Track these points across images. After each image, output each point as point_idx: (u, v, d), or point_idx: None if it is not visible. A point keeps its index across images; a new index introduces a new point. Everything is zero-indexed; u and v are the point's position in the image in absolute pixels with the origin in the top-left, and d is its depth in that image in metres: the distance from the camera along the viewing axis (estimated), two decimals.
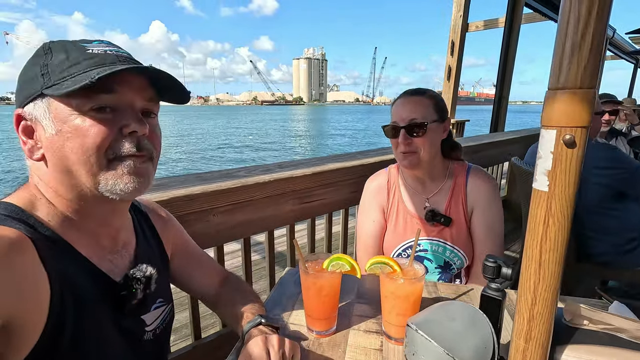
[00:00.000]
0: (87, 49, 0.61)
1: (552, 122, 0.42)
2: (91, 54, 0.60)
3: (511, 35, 4.11)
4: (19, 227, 0.55)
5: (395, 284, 0.79)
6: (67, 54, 0.60)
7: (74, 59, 0.59)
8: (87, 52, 0.60)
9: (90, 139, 0.58)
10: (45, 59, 0.60)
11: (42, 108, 0.59)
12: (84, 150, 0.59)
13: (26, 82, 0.61)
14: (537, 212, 0.45)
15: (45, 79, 0.59)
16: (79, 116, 0.58)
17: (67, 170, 0.60)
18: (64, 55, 0.60)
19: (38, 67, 0.60)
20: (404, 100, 1.24)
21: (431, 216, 1.26)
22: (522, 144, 3.39)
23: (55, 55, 0.60)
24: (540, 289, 0.46)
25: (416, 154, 1.22)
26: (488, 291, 0.67)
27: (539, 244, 0.45)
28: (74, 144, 0.59)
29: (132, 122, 0.61)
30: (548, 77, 0.43)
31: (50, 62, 0.59)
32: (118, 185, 0.62)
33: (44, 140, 0.60)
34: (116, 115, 0.61)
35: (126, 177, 0.62)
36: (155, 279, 0.75)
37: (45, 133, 0.60)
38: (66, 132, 0.58)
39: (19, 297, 0.51)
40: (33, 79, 0.60)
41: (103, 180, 0.61)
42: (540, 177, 0.44)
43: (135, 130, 0.61)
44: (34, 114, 0.60)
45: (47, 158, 0.61)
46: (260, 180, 1.45)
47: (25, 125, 0.61)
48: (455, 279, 1.33)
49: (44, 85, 0.58)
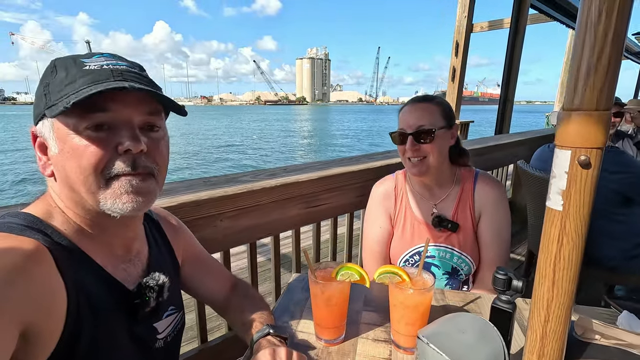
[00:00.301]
0: (85, 64, 0.60)
1: (567, 143, 0.42)
2: (87, 71, 0.59)
3: (517, 36, 4.09)
4: (37, 237, 0.57)
5: (404, 294, 0.79)
6: (66, 71, 0.60)
7: (71, 77, 0.59)
8: (83, 69, 0.59)
9: (85, 160, 0.58)
10: (50, 77, 0.61)
11: (48, 127, 0.61)
12: (81, 170, 0.59)
13: (36, 100, 0.63)
14: (550, 230, 0.45)
15: (46, 99, 0.60)
16: (76, 136, 0.58)
17: (70, 187, 0.62)
18: (63, 74, 0.60)
19: (42, 87, 0.61)
20: (412, 107, 1.24)
21: (438, 222, 1.26)
22: (527, 147, 3.38)
23: (58, 74, 0.61)
24: (554, 307, 0.46)
25: (424, 162, 1.22)
26: (498, 303, 0.67)
27: (553, 262, 0.45)
28: (72, 164, 0.59)
29: (126, 140, 0.59)
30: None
31: (52, 81, 0.60)
32: (117, 204, 0.61)
33: (52, 158, 0.62)
34: (112, 133, 0.60)
35: (124, 197, 0.61)
36: (168, 287, 0.76)
37: (50, 151, 0.62)
38: (66, 152, 0.59)
39: (37, 307, 0.52)
40: (40, 98, 0.61)
41: (102, 199, 0.61)
42: (554, 196, 0.44)
43: (129, 149, 0.60)
44: (43, 132, 0.62)
45: (55, 175, 0.63)
46: (266, 185, 1.46)
47: (40, 142, 0.63)
48: (463, 285, 1.33)
49: (45, 105, 0.60)
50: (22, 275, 0.51)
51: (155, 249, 0.82)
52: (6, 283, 0.49)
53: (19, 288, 0.50)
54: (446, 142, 1.24)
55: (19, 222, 0.58)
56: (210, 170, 17.77)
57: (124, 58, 0.66)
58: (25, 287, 0.51)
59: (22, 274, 0.51)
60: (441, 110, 1.22)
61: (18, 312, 0.50)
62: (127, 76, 0.61)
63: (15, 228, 0.56)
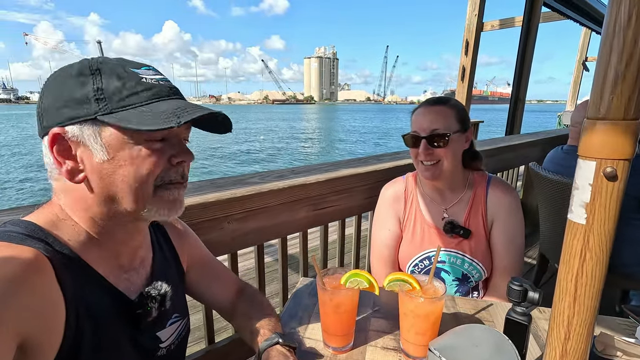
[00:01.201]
0: (140, 76, 0.61)
1: (592, 153, 0.40)
2: (147, 84, 0.61)
3: (529, 35, 4.01)
4: (37, 246, 0.56)
5: (414, 302, 0.77)
6: (121, 80, 0.59)
7: (130, 87, 0.59)
8: (142, 82, 0.60)
9: (144, 169, 0.60)
10: (96, 81, 0.58)
11: (92, 132, 0.58)
12: (136, 178, 0.60)
13: (72, 101, 0.58)
14: (572, 244, 0.43)
15: (101, 105, 0.58)
16: (135, 146, 0.59)
17: (111, 195, 0.61)
18: (118, 82, 0.59)
19: (89, 90, 0.58)
20: (425, 109, 1.21)
21: (450, 228, 1.23)
22: (539, 148, 3.32)
23: (108, 80, 0.59)
24: (575, 324, 0.44)
25: (438, 166, 1.19)
26: (513, 315, 0.65)
27: (574, 277, 0.43)
28: (126, 172, 0.60)
29: (181, 152, 0.64)
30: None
31: (105, 87, 0.58)
32: (162, 211, 0.64)
33: (92, 165, 0.60)
34: (166, 146, 0.63)
35: (170, 204, 0.65)
36: (170, 296, 0.75)
37: (94, 158, 0.59)
38: (119, 160, 0.59)
39: (36, 318, 0.52)
40: (83, 100, 0.58)
41: (149, 207, 0.63)
42: (577, 209, 0.42)
43: (183, 160, 0.65)
44: (80, 137, 0.59)
45: (91, 181, 0.61)
46: (274, 187, 1.45)
47: (65, 145, 0.60)
48: (473, 291, 1.30)
49: (100, 111, 0.57)
50: (21, 285, 0.50)
51: (160, 255, 0.81)
52: (5, 294, 0.48)
53: (18, 299, 0.50)
54: (460, 146, 1.21)
55: (19, 230, 0.57)
56: (219, 169, 17.84)
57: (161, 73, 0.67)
58: (24, 298, 0.50)
59: (21, 284, 0.50)
60: (456, 114, 1.19)
61: (16, 323, 0.49)
62: (177, 92, 0.65)
63: (16, 237, 0.55)
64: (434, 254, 1.27)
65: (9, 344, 0.48)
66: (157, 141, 0.61)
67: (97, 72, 0.59)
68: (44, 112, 0.60)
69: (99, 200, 0.62)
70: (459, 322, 0.95)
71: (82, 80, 0.59)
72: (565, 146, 2.05)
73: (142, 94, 0.59)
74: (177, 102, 0.61)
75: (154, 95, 0.60)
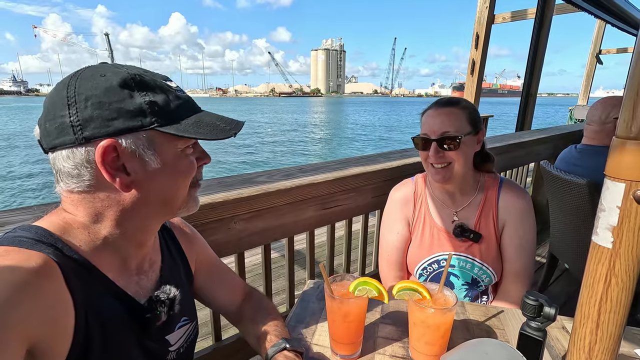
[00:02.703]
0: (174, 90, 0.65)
1: (621, 175, 0.38)
2: (182, 97, 0.66)
3: (542, 28, 3.91)
4: (47, 251, 0.56)
5: (424, 313, 0.76)
6: (164, 94, 0.63)
7: (173, 100, 0.64)
8: (177, 95, 0.65)
9: (188, 173, 0.67)
10: (143, 94, 0.60)
11: (146, 143, 0.60)
12: (183, 181, 0.67)
13: (125, 113, 0.58)
14: (596, 268, 0.41)
15: (156, 116, 0.60)
16: (181, 153, 0.65)
17: (162, 198, 0.66)
18: (164, 95, 0.62)
19: (141, 101, 0.59)
20: (436, 111, 1.18)
21: (460, 232, 1.21)
22: (550, 144, 3.25)
23: (154, 93, 0.61)
24: (597, 351, 0.42)
25: (448, 169, 1.16)
26: (528, 330, 0.63)
27: (598, 303, 0.41)
28: (176, 177, 0.66)
29: (204, 155, 0.71)
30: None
31: (155, 100, 0.61)
32: (192, 208, 0.72)
33: (146, 174, 0.62)
34: (195, 151, 0.69)
35: (196, 201, 0.73)
36: (179, 299, 0.75)
37: (148, 167, 0.61)
38: (169, 167, 0.64)
39: (45, 323, 0.52)
40: (137, 112, 0.59)
41: (185, 204, 0.70)
42: (603, 232, 0.40)
43: (205, 162, 0.72)
44: (135, 148, 0.59)
45: (143, 189, 0.63)
46: (281, 187, 1.43)
47: (114, 156, 0.59)
48: (482, 295, 1.28)
49: (156, 122, 0.60)
50: (30, 291, 0.51)
51: (169, 258, 0.82)
52: (14, 299, 0.48)
53: (27, 304, 0.50)
54: (472, 148, 1.18)
55: (29, 235, 0.57)
56: (225, 165, 17.87)
57: None
58: (33, 303, 0.51)
59: (30, 289, 0.51)
60: (467, 115, 1.15)
61: (25, 328, 0.49)
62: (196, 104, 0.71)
63: (25, 242, 0.55)
64: (443, 258, 1.24)
65: (18, 348, 0.48)
66: (191, 148, 0.67)
67: (142, 85, 0.61)
68: (84, 123, 0.57)
69: (143, 205, 0.64)
70: (469, 329, 0.94)
71: (129, 93, 0.59)
72: (579, 145, 2.01)
73: (186, 106, 0.65)
74: (211, 114, 0.69)
75: (194, 108, 0.67)
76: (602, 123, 1.85)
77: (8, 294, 0.48)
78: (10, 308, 0.48)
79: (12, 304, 0.48)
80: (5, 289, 0.49)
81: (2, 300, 0.47)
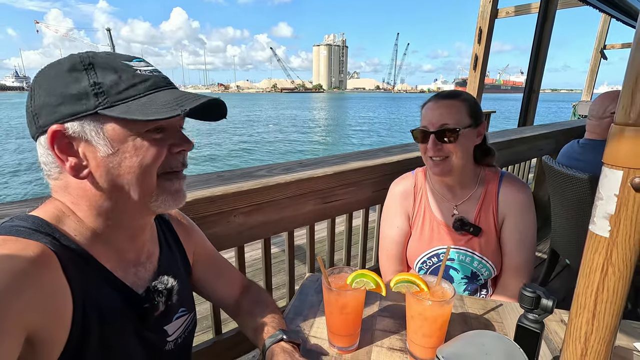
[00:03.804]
0: (134, 68, 0.61)
1: (619, 162, 0.37)
2: (142, 76, 0.61)
3: (545, 23, 3.87)
4: (45, 240, 0.56)
5: (422, 305, 0.76)
6: (117, 73, 0.59)
7: (127, 79, 0.59)
8: (137, 74, 0.61)
9: (149, 158, 0.61)
10: (91, 76, 0.58)
11: (94, 127, 0.58)
12: (141, 169, 0.61)
13: (69, 97, 0.57)
14: (593, 257, 0.40)
15: (100, 99, 0.57)
16: (138, 137, 0.60)
17: (119, 187, 0.61)
18: (114, 76, 0.59)
19: (85, 84, 0.57)
20: (435, 103, 1.17)
21: (460, 225, 1.20)
22: (553, 140, 3.23)
23: (103, 74, 0.58)
24: (593, 341, 0.42)
25: (447, 162, 1.16)
26: (525, 322, 0.63)
27: (594, 292, 0.41)
28: (131, 163, 0.60)
29: (180, 141, 0.65)
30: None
31: (102, 81, 0.58)
32: (167, 202, 0.65)
33: (96, 160, 0.59)
34: (165, 135, 0.63)
35: (174, 194, 0.66)
36: (177, 290, 0.75)
37: (98, 152, 0.59)
38: (124, 152, 0.59)
39: (43, 312, 0.52)
40: (81, 96, 0.57)
41: (154, 197, 0.64)
42: (600, 220, 0.39)
43: (184, 149, 0.65)
44: (82, 132, 0.58)
45: (97, 176, 0.61)
46: (281, 181, 1.43)
47: (66, 142, 0.59)
48: (482, 289, 1.28)
49: (100, 105, 0.57)
50: (28, 280, 0.51)
51: (167, 250, 0.81)
52: (12, 288, 0.49)
53: (25, 293, 0.50)
54: (471, 141, 1.17)
55: (27, 225, 0.57)
56: (226, 160, 17.87)
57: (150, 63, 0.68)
58: (32, 292, 0.51)
59: (28, 278, 0.51)
60: (467, 108, 1.15)
61: (24, 317, 0.50)
62: (171, 83, 0.65)
63: (23, 232, 0.56)
64: (442, 252, 1.24)
65: (16, 337, 0.48)
66: (157, 132, 0.62)
67: (91, 67, 0.58)
68: (38, 111, 0.59)
69: (106, 194, 0.62)
70: (467, 322, 0.94)
71: (76, 76, 0.58)
72: (581, 140, 1.99)
73: (140, 85, 0.60)
74: (175, 92, 0.62)
75: (152, 87, 0.61)
76: (600, 117, 1.85)
77: (6, 283, 0.48)
78: (8, 297, 0.48)
79: (11, 293, 0.48)
80: (4, 278, 0.49)
81: (0, 288, 0.48)
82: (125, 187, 0.61)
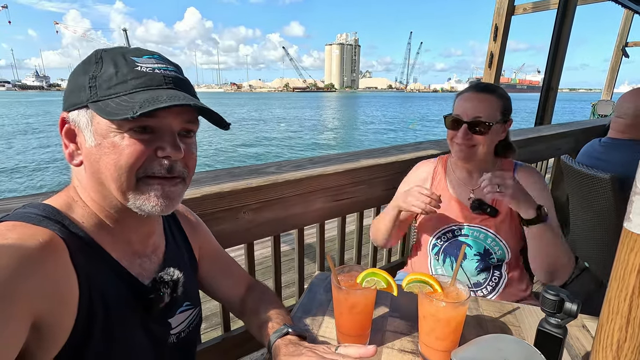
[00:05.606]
0: (136, 64, 0.60)
1: None
2: (139, 72, 0.60)
3: (565, 19, 3.74)
4: (53, 228, 0.57)
5: (435, 306, 0.72)
6: (116, 68, 0.60)
7: (122, 75, 0.59)
8: (135, 69, 0.60)
9: (124, 158, 0.59)
10: (96, 69, 0.60)
11: (86, 118, 0.60)
12: (116, 167, 0.59)
13: (75, 88, 0.61)
14: (628, 258, 0.37)
15: (92, 92, 0.59)
16: (118, 134, 0.59)
17: (100, 182, 0.62)
18: (112, 70, 0.60)
19: (87, 77, 0.60)
20: (472, 95, 1.21)
21: (478, 205, 1.23)
22: (571, 139, 3.13)
23: (105, 68, 0.60)
24: (626, 350, 0.38)
25: (473, 150, 1.20)
26: (546, 326, 0.59)
27: (629, 296, 0.37)
28: (108, 160, 0.59)
29: (167, 146, 0.61)
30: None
31: (99, 74, 0.60)
32: (146, 205, 0.62)
33: (84, 150, 0.62)
34: (154, 136, 0.61)
35: (154, 200, 0.62)
36: (182, 282, 0.75)
37: (85, 143, 0.61)
38: (104, 147, 0.59)
39: (50, 298, 0.53)
40: (81, 88, 0.60)
41: (132, 199, 0.62)
42: (637, 217, 0.36)
43: (168, 155, 0.61)
44: (77, 122, 0.61)
45: (85, 166, 0.63)
46: (291, 178, 1.41)
47: (69, 128, 0.63)
48: (494, 270, 1.27)
49: (90, 98, 0.59)
50: (36, 266, 0.51)
51: (173, 244, 0.81)
52: (20, 273, 0.49)
53: (33, 279, 0.51)
54: (498, 136, 1.22)
55: (37, 212, 0.59)
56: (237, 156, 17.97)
57: (171, 61, 0.66)
58: (39, 278, 0.52)
59: (36, 264, 0.52)
60: (501, 104, 1.19)
61: (31, 302, 0.50)
62: (178, 83, 0.62)
63: (33, 218, 0.57)
64: (457, 227, 1.28)
65: (23, 321, 0.49)
66: (144, 131, 0.60)
67: (100, 60, 0.61)
68: (64, 99, 0.64)
69: (93, 185, 0.63)
70: (482, 325, 0.90)
71: (86, 68, 0.61)
72: (603, 139, 1.92)
73: (130, 82, 0.59)
74: (159, 92, 0.59)
75: (141, 84, 0.59)
76: (636, 116, 1.76)
77: (14, 268, 0.49)
78: (16, 281, 0.49)
79: (18, 278, 0.49)
80: (12, 262, 0.50)
81: (8, 272, 0.48)
82: (104, 182, 0.61)
